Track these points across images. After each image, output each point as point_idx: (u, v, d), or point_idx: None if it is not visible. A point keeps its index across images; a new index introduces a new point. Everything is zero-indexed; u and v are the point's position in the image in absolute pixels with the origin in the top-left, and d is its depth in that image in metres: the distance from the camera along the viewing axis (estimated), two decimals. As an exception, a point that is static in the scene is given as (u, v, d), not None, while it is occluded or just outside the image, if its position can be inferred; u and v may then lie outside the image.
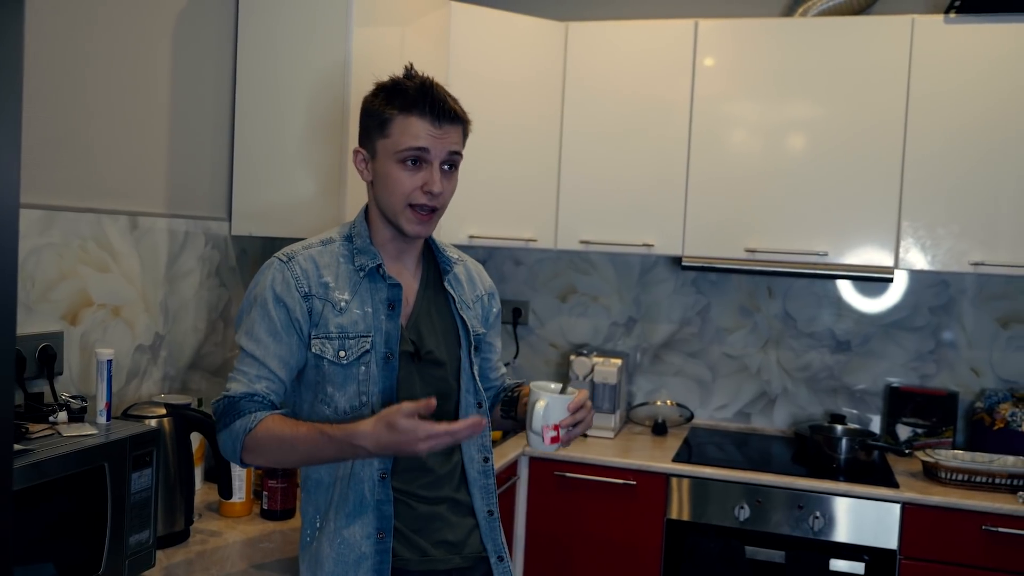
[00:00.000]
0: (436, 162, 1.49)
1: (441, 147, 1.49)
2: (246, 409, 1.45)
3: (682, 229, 2.83)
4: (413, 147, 1.47)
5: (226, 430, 1.46)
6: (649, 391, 3.22)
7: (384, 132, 1.50)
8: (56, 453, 1.40)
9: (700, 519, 2.56)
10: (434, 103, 1.47)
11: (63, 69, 1.86)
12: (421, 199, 1.49)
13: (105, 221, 1.97)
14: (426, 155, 1.48)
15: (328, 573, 1.48)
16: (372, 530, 1.47)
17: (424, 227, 1.52)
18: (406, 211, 1.50)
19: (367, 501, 1.48)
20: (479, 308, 1.68)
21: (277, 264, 1.52)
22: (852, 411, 3.01)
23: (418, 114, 1.47)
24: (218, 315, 2.37)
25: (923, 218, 2.63)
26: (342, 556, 1.47)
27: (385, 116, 1.49)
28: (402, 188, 1.49)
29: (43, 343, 1.78)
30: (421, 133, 1.47)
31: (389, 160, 1.49)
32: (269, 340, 1.48)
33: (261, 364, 1.47)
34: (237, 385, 1.47)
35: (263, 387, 1.47)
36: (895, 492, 2.41)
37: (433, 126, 1.47)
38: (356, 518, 1.48)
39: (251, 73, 2.34)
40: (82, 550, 1.46)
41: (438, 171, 1.49)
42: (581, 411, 1.50)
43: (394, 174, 1.49)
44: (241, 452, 1.45)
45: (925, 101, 2.61)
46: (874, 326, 3.00)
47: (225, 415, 1.46)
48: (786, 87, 2.74)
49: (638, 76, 2.86)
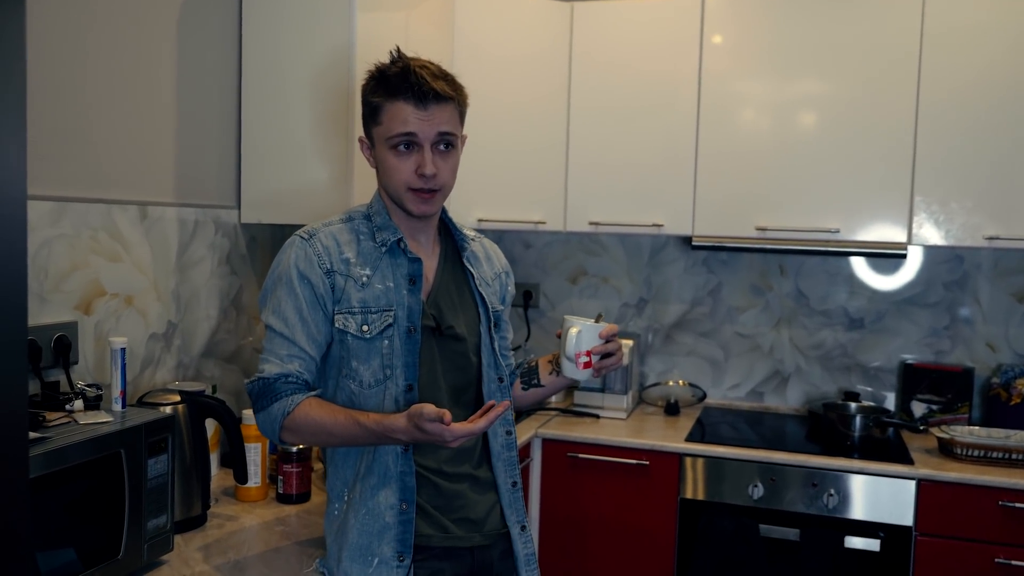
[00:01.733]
0: (427, 144, 1.49)
1: (429, 128, 1.49)
2: (282, 391, 1.48)
3: (692, 208, 2.82)
4: (401, 132, 1.48)
5: (263, 412, 1.49)
6: (661, 371, 3.22)
7: (376, 120, 1.52)
8: (73, 440, 1.42)
9: (714, 498, 2.57)
10: (416, 86, 1.46)
11: (69, 61, 1.86)
12: (417, 183, 1.51)
13: (115, 211, 1.98)
14: (415, 138, 1.49)
15: (352, 544, 1.50)
16: (395, 501, 1.49)
17: (427, 206, 1.54)
18: (407, 194, 1.52)
19: (391, 472, 1.50)
20: (497, 285, 1.71)
21: (299, 242, 1.53)
22: (866, 389, 3.00)
23: (403, 99, 1.47)
24: (230, 302, 2.38)
25: (936, 193, 2.60)
26: (366, 527, 1.49)
27: (375, 104, 1.51)
28: (398, 174, 1.51)
29: (58, 333, 1.79)
30: (408, 117, 1.48)
31: (383, 147, 1.52)
32: (296, 318, 1.49)
33: (291, 343, 1.49)
34: (270, 366, 1.49)
35: (296, 366, 1.49)
36: (910, 469, 2.41)
37: (418, 109, 1.47)
38: (380, 489, 1.50)
39: (256, 60, 2.34)
40: (101, 535, 1.48)
41: (429, 153, 1.50)
42: (612, 343, 1.59)
43: (389, 161, 1.51)
44: (280, 433, 1.49)
45: (937, 73, 2.58)
46: (888, 303, 2.99)
47: (262, 397, 1.49)
48: (795, 62, 2.72)
49: (645, 54, 2.84)
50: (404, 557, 1.48)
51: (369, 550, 1.49)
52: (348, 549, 1.50)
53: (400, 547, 1.49)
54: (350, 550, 1.50)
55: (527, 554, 1.63)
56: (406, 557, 1.48)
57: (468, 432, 1.37)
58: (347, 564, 1.50)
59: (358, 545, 1.50)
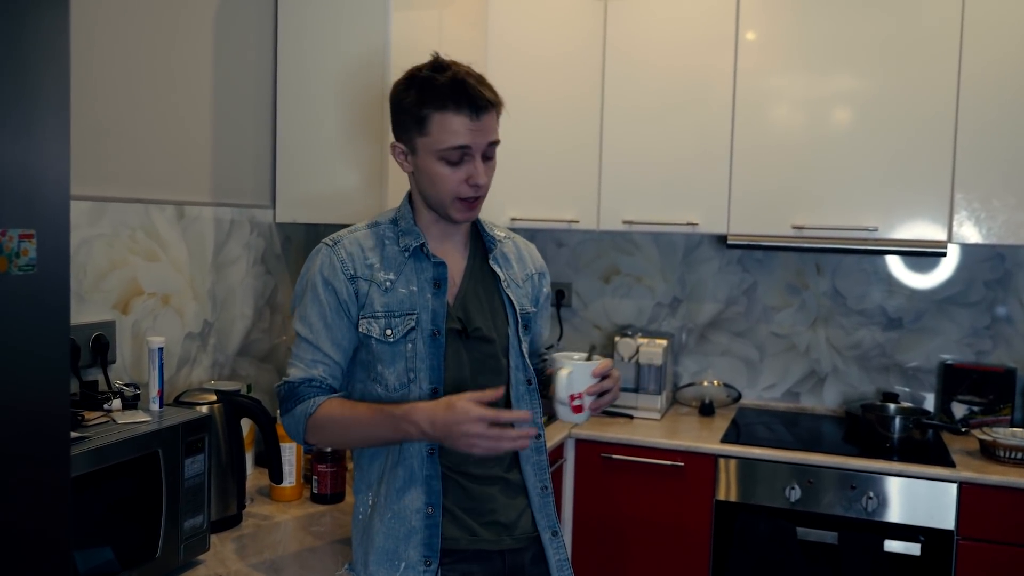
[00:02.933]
0: (478, 154, 1.48)
1: (482, 139, 1.47)
2: (305, 394, 1.50)
3: (727, 207, 2.78)
4: (455, 145, 1.46)
5: (288, 415, 1.52)
6: (695, 372, 3.19)
7: (422, 131, 1.48)
8: (111, 440, 1.43)
9: (750, 500, 2.53)
10: (471, 98, 1.44)
11: (107, 62, 1.88)
12: (468, 192, 1.49)
13: (153, 211, 2.00)
14: (468, 151, 1.47)
15: (379, 548, 1.49)
16: (421, 504, 1.49)
17: (472, 213, 1.54)
18: (455, 203, 1.51)
19: (416, 476, 1.49)
20: (528, 287, 1.68)
21: (324, 249, 1.54)
22: (904, 389, 2.95)
23: (454, 110, 1.44)
24: (265, 302, 2.39)
25: (977, 190, 2.55)
26: (392, 531, 1.49)
27: (422, 114, 1.46)
28: (447, 185, 1.49)
29: (96, 332, 1.81)
30: (461, 130, 1.45)
31: (430, 157, 1.48)
32: (321, 324, 1.50)
33: (316, 348, 1.51)
34: (296, 371, 1.52)
35: (320, 371, 1.51)
36: (952, 471, 2.36)
37: (471, 120, 1.45)
38: (405, 493, 1.49)
39: (291, 60, 2.35)
40: (139, 535, 1.49)
41: (480, 163, 1.49)
42: (607, 380, 1.52)
43: (437, 171, 1.49)
44: (304, 434, 1.50)
45: (979, 66, 2.52)
46: (927, 302, 2.93)
47: (287, 400, 1.52)
48: (832, 56, 2.67)
49: (679, 50, 2.80)
50: (431, 561, 1.48)
51: (396, 554, 1.48)
52: (374, 553, 1.49)
53: (427, 551, 1.48)
54: (376, 554, 1.49)
55: (559, 560, 1.61)
56: (433, 561, 1.48)
57: (494, 414, 1.36)
58: (374, 568, 1.49)
59: (384, 549, 1.49)
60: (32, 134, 1.02)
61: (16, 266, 1.00)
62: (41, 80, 1.02)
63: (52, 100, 1.03)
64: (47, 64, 1.03)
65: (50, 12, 1.03)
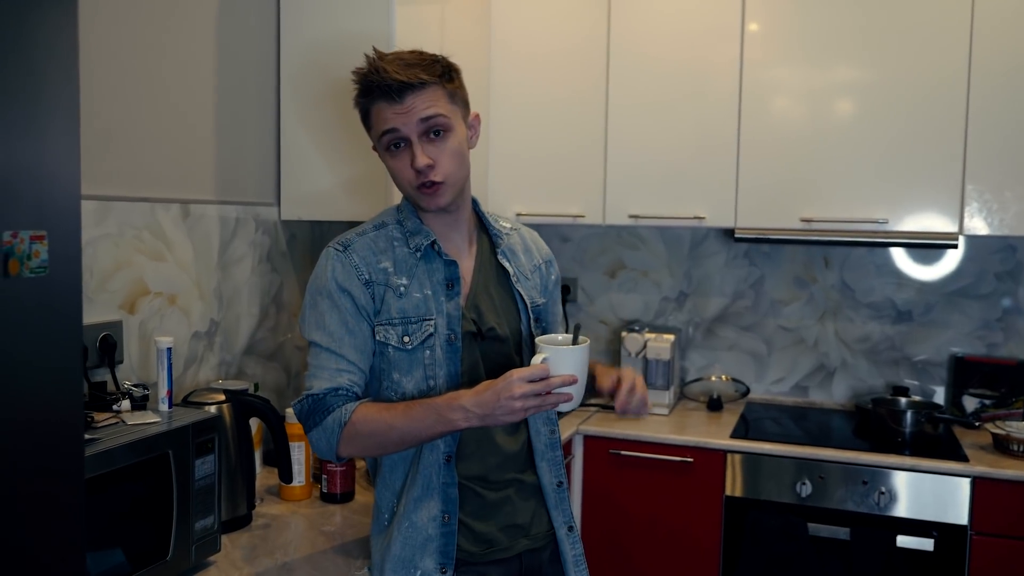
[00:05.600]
0: (413, 136, 1.43)
1: (408, 120, 1.42)
2: (333, 404, 1.43)
3: (734, 200, 2.76)
4: (385, 130, 1.44)
5: (318, 428, 1.43)
6: (702, 366, 3.17)
7: (367, 124, 1.49)
8: (122, 442, 1.41)
9: (760, 496, 2.52)
10: (383, 82, 1.41)
11: (111, 61, 1.86)
12: (417, 179, 1.45)
13: (158, 210, 1.98)
14: (399, 134, 1.44)
15: (395, 556, 1.48)
16: (438, 512, 1.47)
17: (435, 199, 1.47)
18: (416, 192, 1.47)
19: (433, 484, 1.47)
20: (537, 278, 1.66)
21: (334, 254, 1.49)
22: (914, 383, 2.93)
23: (377, 96, 1.43)
24: (270, 300, 2.38)
25: (989, 181, 2.52)
26: (409, 539, 1.47)
27: (362, 109, 1.48)
28: (399, 175, 1.47)
29: (103, 332, 1.80)
30: (387, 115, 1.43)
31: (380, 150, 1.49)
32: (342, 331, 1.46)
33: (339, 356, 1.45)
34: (319, 382, 1.45)
35: (346, 380, 1.45)
36: (965, 466, 2.34)
37: (392, 103, 1.42)
38: (423, 502, 1.47)
39: (294, 57, 2.33)
40: (150, 537, 1.48)
41: (418, 145, 1.43)
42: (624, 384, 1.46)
43: (388, 163, 1.48)
44: (338, 446, 1.43)
45: (991, 55, 2.49)
46: (936, 294, 2.91)
47: (314, 414, 1.44)
48: (840, 47, 2.64)
49: (684, 43, 2.78)
50: (446, 568, 1.47)
51: (411, 562, 1.47)
52: (390, 561, 1.48)
53: (442, 559, 1.47)
54: (392, 562, 1.48)
55: (575, 555, 1.61)
56: (448, 568, 1.47)
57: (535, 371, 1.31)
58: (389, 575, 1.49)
59: (400, 557, 1.48)
60: (41, 135, 1.00)
61: (28, 268, 0.98)
62: (49, 81, 1.00)
63: (61, 101, 1.01)
64: (55, 65, 1.01)
65: (57, 13, 1.01)
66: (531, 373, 1.31)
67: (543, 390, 1.32)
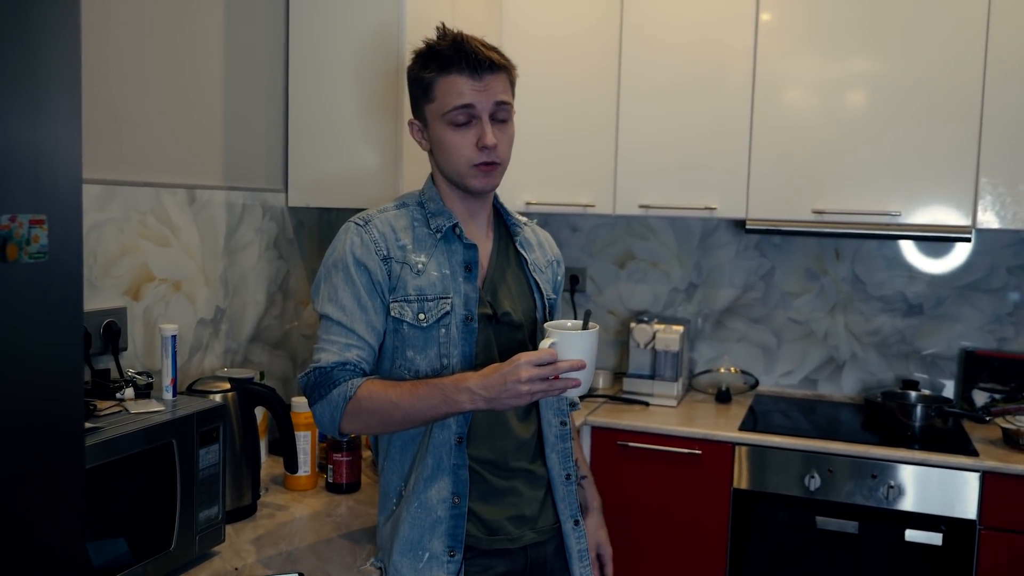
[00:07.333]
0: (485, 115, 1.44)
1: (486, 99, 1.44)
2: (340, 378, 1.42)
3: (746, 191, 2.72)
4: (458, 105, 1.43)
5: (322, 401, 1.42)
6: (711, 358, 3.15)
7: (429, 97, 1.46)
8: (125, 431, 1.39)
9: (768, 489, 2.50)
10: (469, 55, 1.42)
11: (117, 44, 1.83)
12: (479, 156, 1.45)
13: (164, 195, 1.96)
14: (473, 110, 1.44)
15: (403, 538, 1.47)
16: (448, 494, 1.46)
17: (489, 179, 1.49)
18: (470, 171, 1.47)
19: (443, 465, 1.46)
20: (549, 273, 1.66)
21: (354, 228, 1.49)
22: (924, 377, 2.90)
23: (456, 71, 1.42)
24: (277, 287, 2.36)
25: (1003, 174, 2.49)
26: (417, 521, 1.46)
27: (426, 81, 1.46)
28: (458, 150, 1.46)
29: (107, 319, 1.78)
30: (464, 89, 1.43)
31: (439, 124, 1.46)
32: (355, 306, 1.44)
33: (349, 331, 1.44)
34: (327, 355, 1.44)
35: (354, 355, 1.44)
36: (974, 460, 2.32)
37: (473, 79, 1.42)
38: (432, 483, 1.46)
39: (303, 42, 2.30)
40: (153, 527, 1.46)
41: (488, 123, 1.44)
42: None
43: (448, 138, 1.46)
44: (340, 421, 1.42)
45: (1006, 47, 2.45)
46: (948, 288, 2.88)
47: (319, 386, 1.43)
48: (854, 38, 2.60)
49: (697, 31, 2.74)
50: (455, 552, 1.45)
51: (420, 544, 1.46)
52: (399, 543, 1.47)
53: (451, 542, 1.45)
54: (400, 544, 1.47)
55: (580, 550, 1.60)
56: (457, 552, 1.45)
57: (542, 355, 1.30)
58: (397, 559, 1.47)
59: (409, 539, 1.46)
60: (42, 116, 0.98)
61: (27, 254, 0.96)
62: (50, 61, 0.98)
63: (63, 82, 0.99)
64: (57, 45, 0.98)
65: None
66: (539, 357, 1.30)
67: (550, 374, 1.30)
